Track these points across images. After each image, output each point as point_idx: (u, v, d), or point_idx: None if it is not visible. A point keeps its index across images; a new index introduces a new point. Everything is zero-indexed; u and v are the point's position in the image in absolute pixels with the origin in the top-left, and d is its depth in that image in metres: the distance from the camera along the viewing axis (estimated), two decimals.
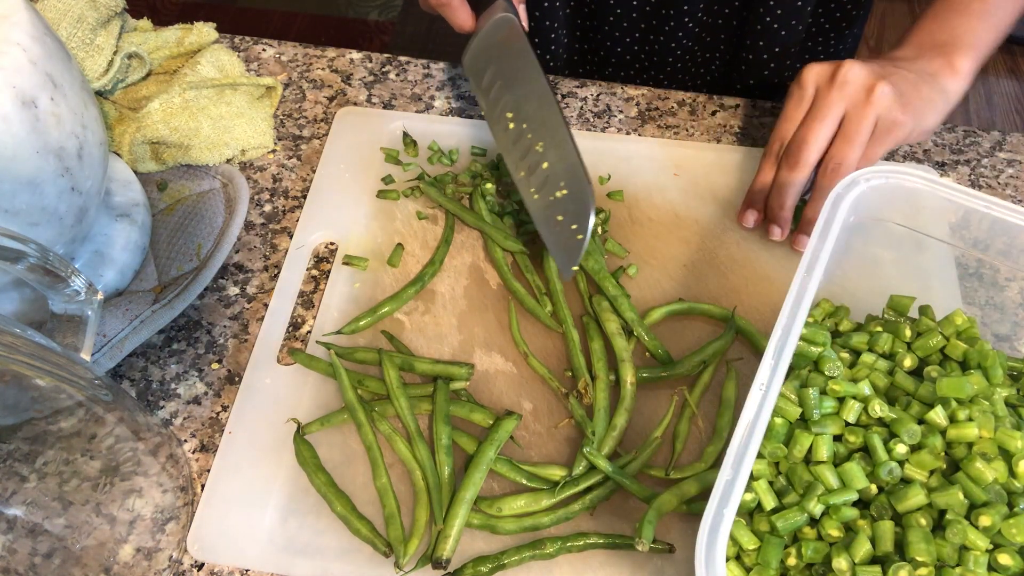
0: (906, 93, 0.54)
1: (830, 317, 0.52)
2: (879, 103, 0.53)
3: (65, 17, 0.62)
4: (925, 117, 0.55)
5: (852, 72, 0.54)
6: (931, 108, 0.56)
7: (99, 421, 0.42)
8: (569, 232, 0.53)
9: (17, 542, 0.40)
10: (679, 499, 0.48)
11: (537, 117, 0.55)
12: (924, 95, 0.55)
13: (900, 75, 0.55)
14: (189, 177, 0.65)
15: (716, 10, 0.75)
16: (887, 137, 0.54)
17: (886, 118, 0.54)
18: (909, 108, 0.54)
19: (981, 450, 0.42)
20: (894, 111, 0.53)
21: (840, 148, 0.54)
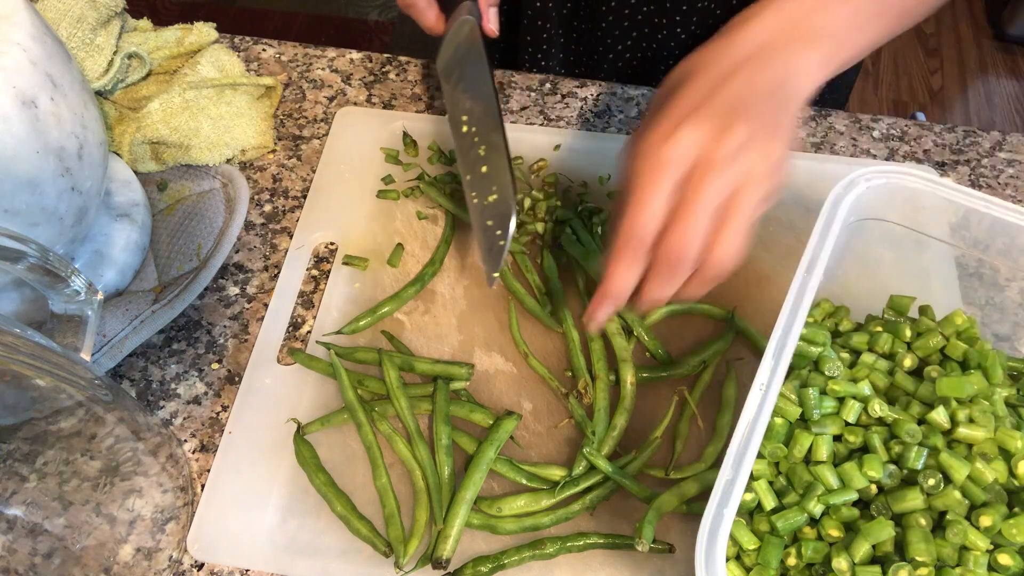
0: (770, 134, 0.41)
1: (830, 317, 0.52)
2: (764, 161, 0.40)
3: (65, 17, 0.62)
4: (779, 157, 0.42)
5: (710, 146, 0.40)
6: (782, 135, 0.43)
7: (99, 421, 0.42)
8: (495, 237, 0.53)
9: (17, 542, 0.40)
10: (679, 499, 0.48)
11: (483, 121, 0.55)
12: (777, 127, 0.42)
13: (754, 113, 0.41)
14: (189, 177, 0.65)
15: (711, 24, 0.75)
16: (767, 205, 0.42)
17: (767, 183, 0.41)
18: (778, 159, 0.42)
19: (981, 450, 0.42)
20: (775, 166, 0.41)
21: (724, 247, 0.40)
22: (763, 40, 0.44)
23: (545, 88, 0.72)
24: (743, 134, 0.40)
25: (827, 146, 0.67)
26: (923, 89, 2.04)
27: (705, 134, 0.40)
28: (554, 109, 0.70)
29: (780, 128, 0.42)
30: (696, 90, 0.42)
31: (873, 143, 0.68)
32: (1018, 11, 2.07)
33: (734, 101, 0.41)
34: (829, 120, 0.69)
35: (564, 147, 0.66)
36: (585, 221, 0.61)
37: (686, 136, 0.40)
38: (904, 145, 0.68)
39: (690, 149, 0.40)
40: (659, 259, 0.41)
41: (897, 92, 2.03)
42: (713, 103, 0.41)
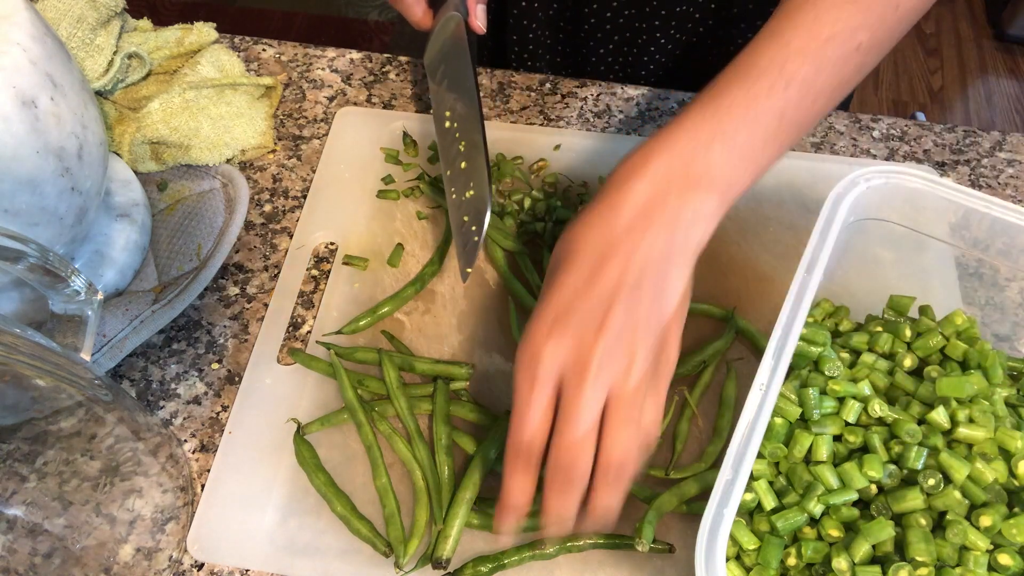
0: (652, 321, 0.39)
1: (830, 317, 0.52)
2: (643, 362, 0.38)
3: (65, 17, 0.62)
4: (672, 329, 0.40)
5: (593, 340, 0.38)
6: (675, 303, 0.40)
7: (99, 421, 0.42)
8: (470, 233, 0.53)
9: (17, 542, 0.40)
10: (679, 499, 0.48)
11: (464, 117, 0.56)
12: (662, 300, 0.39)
13: (633, 304, 0.38)
14: (189, 177, 0.65)
15: (690, 28, 0.75)
16: (661, 389, 0.40)
17: (655, 373, 0.39)
18: (668, 341, 0.40)
19: (981, 450, 0.42)
20: (661, 357, 0.39)
21: (622, 436, 0.38)
22: (652, 194, 0.40)
23: (545, 88, 0.72)
24: (615, 331, 0.38)
25: (827, 146, 0.67)
26: (923, 89, 2.04)
27: (575, 340, 0.38)
28: (554, 109, 0.70)
29: (661, 305, 0.39)
30: (573, 277, 0.39)
31: (873, 143, 0.68)
32: (1018, 11, 2.07)
33: (611, 291, 0.38)
34: (829, 120, 0.69)
35: (564, 147, 0.66)
36: None
37: (556, 345, 0.38)
38: (904, 145, 0.68)
39: (561, 358, 0.38)
40: (550, 472, 0.39)
41: (897, 92, 2.03)
42: (588, 297, 0.39)
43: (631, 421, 0.38)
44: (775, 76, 0.41)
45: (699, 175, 0.40)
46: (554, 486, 0.39)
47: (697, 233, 0.40)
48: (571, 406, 0.38)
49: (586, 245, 0.40)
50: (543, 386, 0.38)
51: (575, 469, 0.38)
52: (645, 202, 0.40)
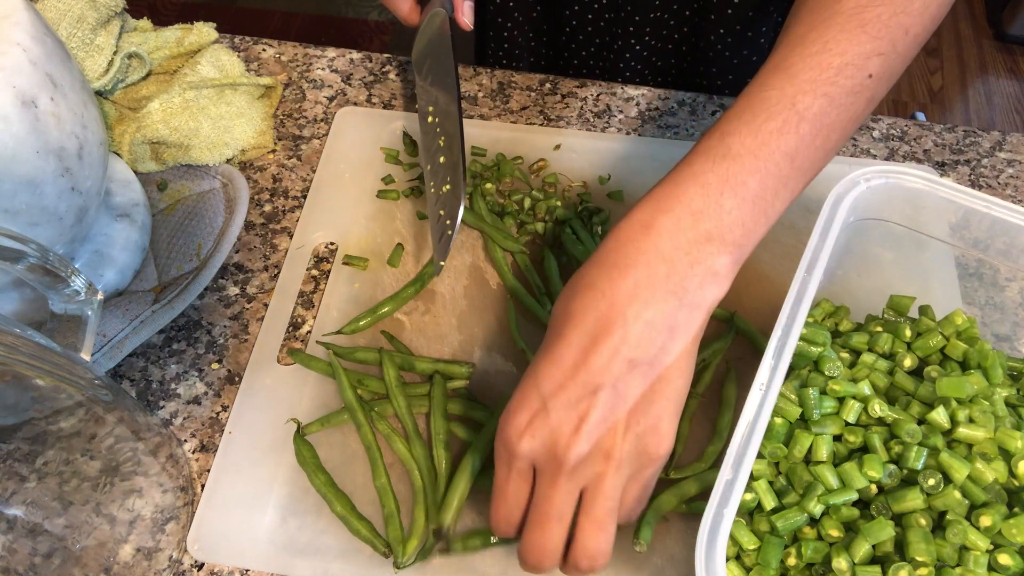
0: (640, 410, 0.36)
1: (830, 317, 0.52)
2: (621, 463, 0.36)
3: (65, 17, 0.62)
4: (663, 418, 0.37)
5: (582, 444, 0.36)
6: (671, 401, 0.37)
7: (99, 421, 0.42)
8: (444, 226, 0.54)
9: (17, 542, 0.40)
10: (679, 499, 0.48)
11: (445, 112, 0.56)
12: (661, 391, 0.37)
13: (623, 387, 0.36)
14: (189, 177, 0.65)
15: (664, 35, 0.76)
16: (644, 478, 0.38)
17: (638, 465, 0.38)
18: (657, 429, 0.37)
19: (981, 450, 0.42)
20: (646, 451, 0.37)
21: (590, 539, 0.37)
22: (658, 256, 0.37)
23: (545, 88, 0.72)
24: (595, 427, 0.35)
25: None
26: (923, 89, 2.04)
27: (552, 437, 0.36)
28: (554, 109, 0.70)
29: (655, 387, 0.36)
30: (565, 351, 0.37)
31: (873, 143, 0.68)
32: (1018, 11, 2.07)
33: (600, 373, 0.36)
34: None
35: (564, 147, 0.66)
36: (585, 221, 0.61)
37: (532, 439, 0.36)
38: (904, 145, 0.68)
39: (536, 452, 0.37)
40: (524, 544, 0.39)
41: (897, 92, 2.03)
42: (575, 381, 0.36)
43: (603, 525, 0.37)
44: (787, 113, 0.38)
45: (710, 232, 0.37)
46: (527, 556, 0.39)
47: (708, 297, 0.37)
48: (542, 501, 0.37)
49: (581, 316, 0.37)
50: (519, 474, 0.38)
51: (546, 550, 0.38)
52: (649, 266, 0.37)
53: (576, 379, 0.36)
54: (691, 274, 0.37)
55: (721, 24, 0.73)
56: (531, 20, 0.79)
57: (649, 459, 0.37)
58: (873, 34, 0.39)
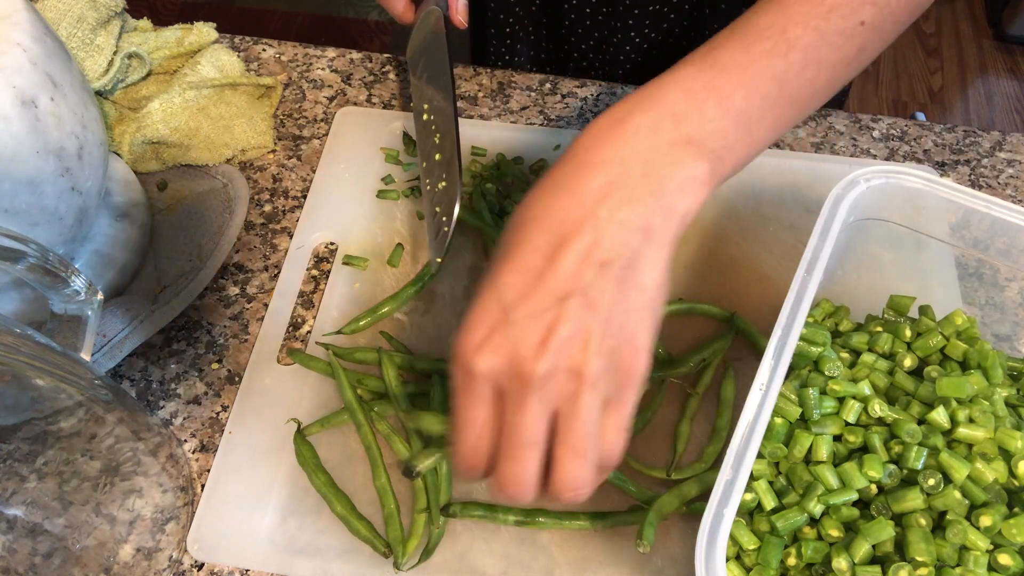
0: (614, 321, 0.33)
1: (830, 317, 0.52)
2: (596, 380, 0.33)
3: (65, 17, 0.62)
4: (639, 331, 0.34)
5: (548, 361, 0.32)
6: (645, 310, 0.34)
7: (99, 421, 0.42)
8: (440, 223, 0.54)
9: (17, 542, 0.40)
10: (680, 500, 0.48)
11: (440, 110, 0.56)
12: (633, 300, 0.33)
13: (594, 295, 0.32)
14: (189, 177, 0.65)
15: (664, 27, 0.76)
16: (623, 401, 0.34)
17: (614, 385, 0.34)
18: (633, 342, 0.33)
19: (981, 450, 0.42)
20: (622, 367, 0.33)
21: (568, 468, 0.34)
22: (633, 154, 0.34)
23: (545, 88, 0.72)
24: (564, 339, 0.32)
25: (827, 146, 0.67)
26: (923, 89, 2.04)
27: (513, 351, 0.32)
28: (554, 109, 0.70)
29: (631, 296, 0.33)
30: (526, 260, 0.33)
31: (873, 143, 0.68)
32: (1018, 11, 2.07)
33: (568, 280, 0.32)
34: (829, 120, 0.69)
35: (564, 147, 0.66)
36: None
37: (491, 355, 0.32)
38: (904, 145, 0.68)
39: (497, 370, 0.33)
40: (497, 475, 0.34)
41: (897, 92, 2.03)
42: (538, 290, 0.32)
43: (581, 452, 0.33)
44: (776, 38, 0.37)
45: (690, 136, 0.34)
46: (503, 488, 0.35)
47: (685, 203, 0.34)
48: (510, 427, 0.33)
49: (547, 217, 0.33)
50: (481, 399, 0.34)
51: (522, 482, 0.34)
52: (624, 164, 0.34)
53: (542, 286, 0.32)
54: (669, 175, 0.34)
55: (716, 19, 0.73)
56: (531, 14, 0.79)
57: (626, 377, 0.33)
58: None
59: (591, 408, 0.33)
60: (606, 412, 0.34)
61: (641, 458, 0.51)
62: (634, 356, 0.33)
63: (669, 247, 0.34)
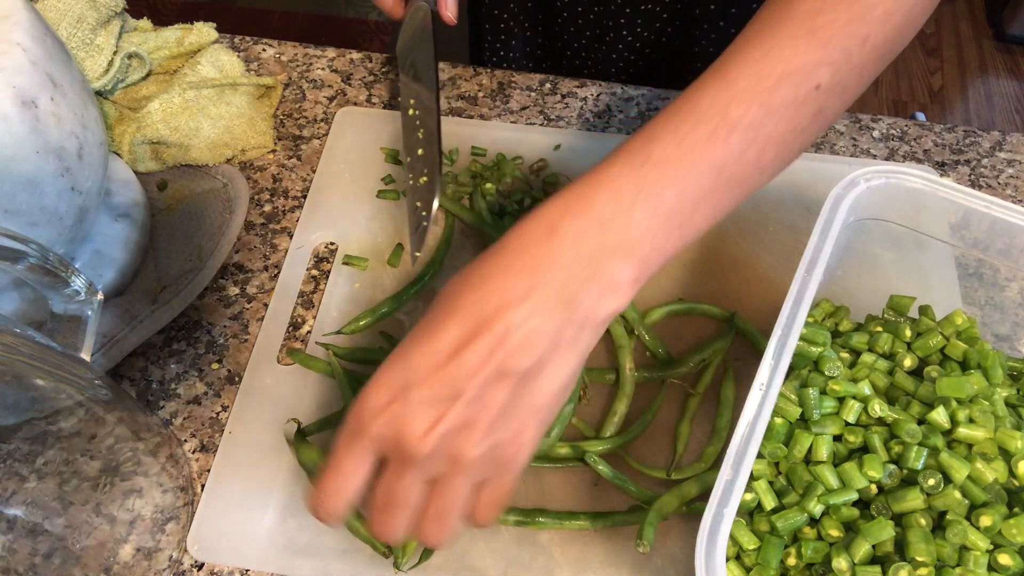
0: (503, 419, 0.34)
1: (830, 317, 0.52)
2: (470, 469, 0.35)
3: (65, 17, 0.62)
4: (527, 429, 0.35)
5: (432, 446, 0.34)
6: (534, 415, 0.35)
7: (99, 421, 0.42)
8: (420, 218, 0.55)
9: (17, 542, 0.40)
10: (680, 500, 0.48)
11: (425, 106, 0.57)
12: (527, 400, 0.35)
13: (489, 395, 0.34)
14: (189, 177, 0.65)
15: (657, 27, 0.76)
16: (500, 484, 0.36)
17: (492, 472, 0.36)
18: (518, 439, 0.35)
19: (981, 450, 0.42)
20: (502, 460, 0.35)
21: (429, 528, 0.36)
22: (554, 263, 0.34)
23: (545, 88, 0.72)
24: (453, 429, 0.33)
25: (827, 146, 0.67)
26: (923, 89, 2.04)
27: (404, 429, 0.34)
28: (554, 109, 0.70)
29: (524, 402, 0.34)
30: (438, 341, 0.34)
31: (873, 143, 0.68)
32: (1018, 11, 2.07)
33: (470, 373, 0.33)
34: None
35: (564, 147, 0.66)
36: None
37: (386, 426, 0.34)
38: (904, 145, 0.68)
39: (387, 439, 0.34)
40: (368, 530, 0.37)
41: (897, 92, 2.03)
42: (442, 375, 0.34)
43: (443, 520, 0.36)
44: (716, 122, 0.35)
45: (616, 243, 0.34)
46: (374, 533, 0.37)
47: (603, 311, 0.35)
48: (388, 488, 0.35)
49: (466, 308, 0.34)
50: (362, 453, 0.35)
51: (392, 532, 0.36)
52: (547, 272, 0.34)
53: (444, 373, 0.34)
54: (587, 288, 0.34)
55: (705, 19, 0.73)
56: (526, 10, 0.80)
57: (505, 468, 0.35)
58: (823, 41, 0.36)
59: (460, 490, 0.35)
60: (483, 488, 0.36)
61: (641, 458, 0.51)
62: (516, 451, 0.35)
63: (579, 355, 0.35)
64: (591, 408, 0.53)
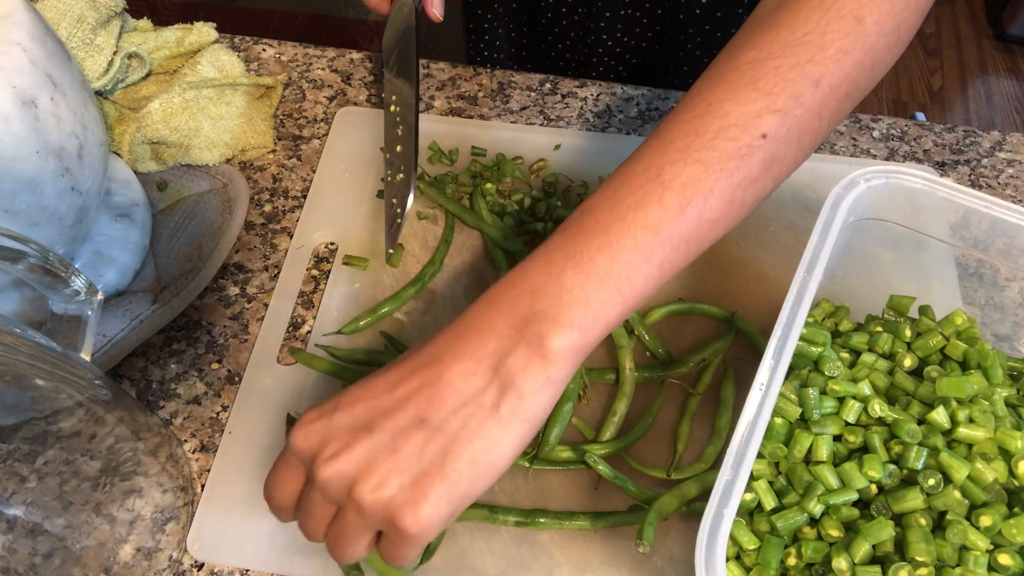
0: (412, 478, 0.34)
1: (830, 317, 0.52)
2: (362, 511, 0.34)
3: (65, 17, 0.62)
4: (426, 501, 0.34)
5: (330, 468, 0.34)
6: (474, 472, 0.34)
7: (99, 421, 0.42)
8: (395, 214, 0.57)
9: (17, 542, 0.40)
10: (680, 500, 0.48)
11: (405, 102, 0.58)
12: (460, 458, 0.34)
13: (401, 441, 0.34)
14: (189, 177, 0.65)
15: (637, 32, 0.76)
16: (395, 546, 0.36)
17: (385, 530, 0.36)
18: (416, 508, 0.33)
19: (981, 450, 0.42)
20: (393, 522, 0.34)
21: (332, 547, 0.37)
22: (495, 327, 0.35)
23: (545, 88, 0.72)
24: (355, 461, 0.34)
25: (827, 146, 0.67)
26: (923, 89, 2.04)
27: (322, 443, 0.35)
28: (554, 109, 0.70)
29: (452, 469, 0.33)
30: (384, 377, 0.36)
31: (873, 143, 0.68)
32: (1018, 11, 2.07)
33: (388, 414, 0.34)
34: None
35: (564, 147, 0.66)
36: None
37: (309, 437, 0.35)
38: (904, 145, 0.68)
39: (305, 450, 0.36)
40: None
41: (897, 92, 2.03)
42: (368, 404, 0.35)
43: (341, 544, 0.36)
44: (650, 185, 0.35)
45: (544, 311, 0.34)
46: (301, 529, 0.39)
47: (531, 379, 0.34)
48: (304, 495, 0.37)
49: (416, 358, 0.36)
50: (289, 464, 0.37)
51: (308, 534, 0.38)
52: (481, 336, 0.35)
53: (367, 404, 0.35)
54: (516, 354, 0.34)
55: (690, 24, 0.73)
56: (511, 11, 0.80)
57: (396, 532, 0.34)
58: (766, 90, 0.35)
59: (352, 527, 0.35)
60: (383, 539, 0.36)
61: (641, 458, 0.51)
62: (412, 521, 0.33)
63: (506, 427, 0.34)
64: (591, 408, 0.53)
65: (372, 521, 0.35)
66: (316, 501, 0.36)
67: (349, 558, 0.37)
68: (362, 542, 0.36)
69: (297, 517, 0.38)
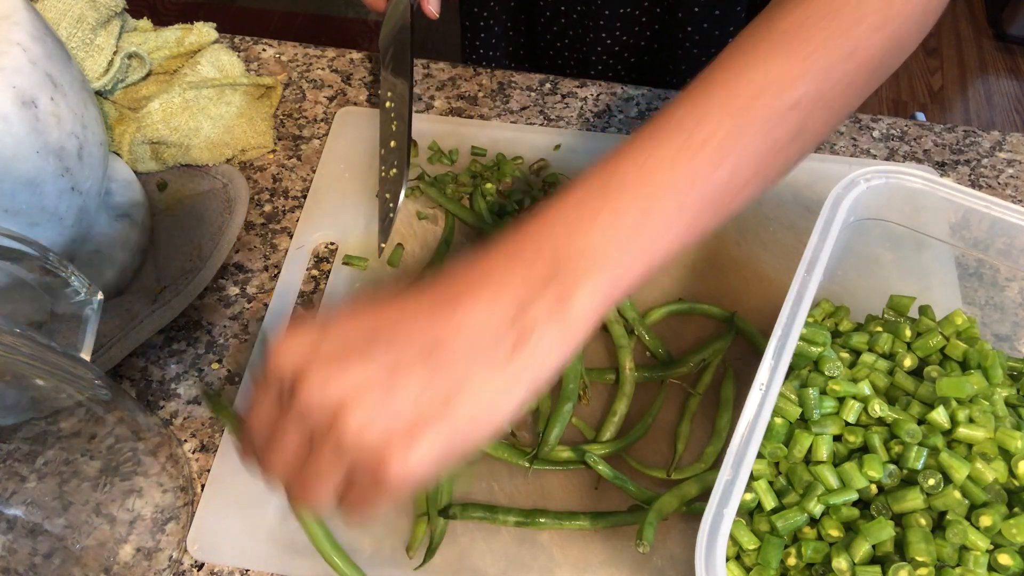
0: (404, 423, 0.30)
1: (830, 317, 0.52)
2: (340, 450, 0.31)
3: (65, 17, 0.62)
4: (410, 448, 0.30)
5: (314, 391, 0.31)
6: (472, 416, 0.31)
7: (99, 421, 0.42)
8: (387, 209, 0.58)
9: (17, 542, 0.40)
10: (680, 500, 0.48)
11: (400, 99, 0.59)
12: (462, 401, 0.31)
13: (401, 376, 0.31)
14: (189, 177, 0.65)
15: (636, 31, 0.76)
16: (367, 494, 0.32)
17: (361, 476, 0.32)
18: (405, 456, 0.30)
19: (981, 450, 0.42)
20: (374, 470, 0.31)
21: (296, 486, 0.34)
22: (508, 304, 0.32)
23: (545, 88, 0.72)
24: (347, 387, 0.30)
25: (827, 146, 0.67)
26: (923, 89, 2.04)
27: (307, 360, 0.31)
28: (554, 109, 0.70)
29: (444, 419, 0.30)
30: (396, 304, 0.33)
31: (873, 143, 0.68)
32: (1018, 11, 2.07)
33: (392, 344, 0.31)
34: None
35: (564, 147, 0.66)
36: None
37: (291, 351, 0.32)
38: (904, 145, 0.68)
39: (288, 368, 0.32)
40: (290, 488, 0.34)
41: (897, 92, 2.03)
42: (370, 325, 0.32)
43: (309, 486, 0.33)
44: (682, 141, 0.34)
45: (570, 265, 0.32)
46: (264, 467, 0.35)
47: (553, 325, 0.32)
48: (277, 427, 0.33)
49: (438, 289, 0.33)
50: (266, 389, 0.33)
51: (274, 468, 0.34)
52: (505, 273, 0.32)
53: (367, 326, 0.32)
54: (536, 307, 0.32)
55: (689, 22, 0.73)
56: (508, 10, 0.80)
57: (374, 478, 0.31)
58: (803, 55, 0.35)
59: (326, 465, 0.32)
60: (351, 486, 0.32)
61: (641, 458, 0.51)
62: (397, 470, 0.30)
63: (515, 374, 0.32)
64: (591, 408, 0.53)
65: (349, 461, 0.31)
66: (289, 428, 0.32)
67: (308, 501, 0.33)
68: (329, 483, 0.32)
69: (262, 445, 0.34)
